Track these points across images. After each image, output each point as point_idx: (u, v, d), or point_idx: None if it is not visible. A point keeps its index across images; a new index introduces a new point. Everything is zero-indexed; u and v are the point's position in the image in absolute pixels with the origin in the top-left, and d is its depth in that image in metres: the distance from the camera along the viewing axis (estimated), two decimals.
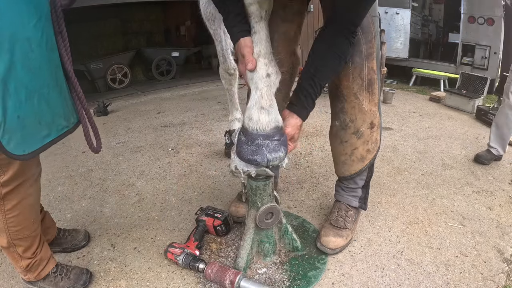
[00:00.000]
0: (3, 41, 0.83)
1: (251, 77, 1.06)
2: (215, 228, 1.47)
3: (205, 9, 2.03)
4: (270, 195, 1.22)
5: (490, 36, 3.91)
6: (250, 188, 1.22)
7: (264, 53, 1.05)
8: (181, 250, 1.34)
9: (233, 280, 1.16)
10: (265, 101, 1.06)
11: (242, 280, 1.17)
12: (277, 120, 1.09)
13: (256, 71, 1.04)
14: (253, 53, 1.04)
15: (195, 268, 1.28)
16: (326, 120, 3.04)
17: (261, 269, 1.30)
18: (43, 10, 0.96)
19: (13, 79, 0.85)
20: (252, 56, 1.04)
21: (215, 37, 2.11)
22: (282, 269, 1.30)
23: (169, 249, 1.35)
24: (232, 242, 1.48)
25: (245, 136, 1.10)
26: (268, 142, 1.07)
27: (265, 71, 1.04)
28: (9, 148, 0.88)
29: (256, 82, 1.06)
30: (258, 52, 1.04)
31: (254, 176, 1.15)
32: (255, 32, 1.05)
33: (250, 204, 1.26)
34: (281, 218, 1.31)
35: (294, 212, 1.69)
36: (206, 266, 1.25)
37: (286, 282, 1.24)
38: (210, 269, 1.23)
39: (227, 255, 1.40)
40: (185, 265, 1.30)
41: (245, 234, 1.28)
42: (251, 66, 1.03)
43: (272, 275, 1.27)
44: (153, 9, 7.09)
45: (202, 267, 1.26)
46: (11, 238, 1.09)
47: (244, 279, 1.18)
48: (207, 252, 1.43)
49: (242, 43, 1.05)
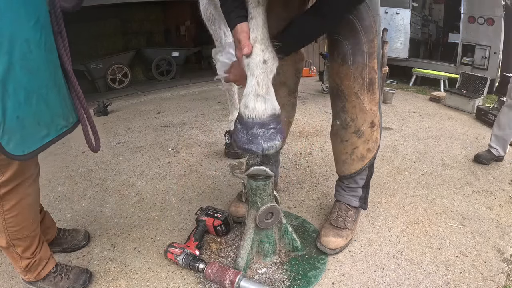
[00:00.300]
0: (2, 42, 0.83)
1: (247, 63, 1.04)
2: (215, 228, 1.47)
3: (205, 10, 2.03)
4: (270, 195, 1.22)
5: (490, 36, 3.91)
6: (250, 188, 1.22)
7: (260, 39, 1.03)
8: (181, 250, 1.33)
9: (233, 280, 1.16)
10: (261, 88, 1.04)
11: (242, 280, 1.17)
12: (274, 107, 1.07)
13: (252, 57, 1.03)
14: (249, 38, 1.02)
15: (195, 268, 1.28)
16: (326, 120, 3.04)
17: (261, 269, 1.30)
18: (41, 11, 0.96)
19: (12, 80, 0.85)
20: (248, 41, 1.02)
21: (216, 37, 2.11)
22: (282, 269, 1.30)
23: (169, 249, 1.35)
24: (232, 242, 1.48)
25: (241, 124, 1.09)
26: (263, 130, 1.06)
27: (261, 57, 1.02)
28: (8, 149, 0.88)
29: (252, 69, 1.04)
30: (254, 37, 1.03)
31: (254, 176, 1.15)
32: (252, 18, 1.03)
33: (250, 204, 1.26)
34: (281, 218, 1.31)
35: (294, 212, 1.69)
36: (206, 266, 1.25)
37: (286, 282, 1.24)
38: (210, 269, 1.23)
39: (227, 255, 1.40)
40: (185, 265, 1.30)
41: (245, 234, 1.28)
42: (247, 50, 1.01)
43: (272, 275, 1.27)
44: (153, 9, 7.09)
45: (202, 267, 1.26)
46: (10, 238, 1.09)
47: (244, 279, 1.18)
48: (207, 252, 1.43)
49: (239, 29, 1.04)
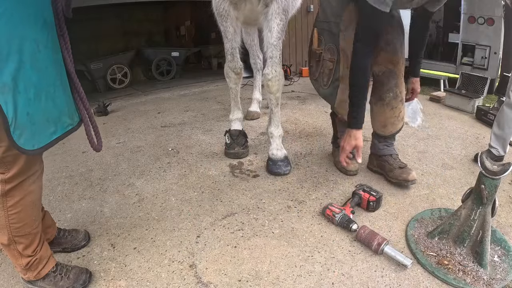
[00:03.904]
0: (13, 41, 0.88)
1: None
2: (368, 203, 1.66)
3: (218, 5, 1.98)
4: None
5: (490, 36, 3.90)
6: (492, 188, 1.26)
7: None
8: (340, 210, 1.56)
9: (380, 243, 1.35)
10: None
11: (386, 246, 1.35)
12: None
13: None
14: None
15: (349, 228, 1.50)
16: (326, 120, 3.04)
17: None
18: (48, 13, 1.01)
19: (22, 78, 0.91)
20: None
21: (225, 34, 2.08)
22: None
23: (329, 207, 1.58)
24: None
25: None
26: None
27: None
28: (20, 143, 0.93)
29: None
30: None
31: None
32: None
33: (488, 202, 1.28)
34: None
35: (294, 212, 1.70)
36: (359, 227, 1.46)
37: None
38: (363, 230, 1.43)
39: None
40: (340, 223, 1.53)
41: (484, 232, 1.30)
42: (360, 161, 1.69)
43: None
44: (153, 9, 7.10)
45: (355, 228, 1.49)
46: (12, 235, 1.09)
47: (389, 245, 1.35)
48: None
49: (358, 135, 1.61)
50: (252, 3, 1.91)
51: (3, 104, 0.88)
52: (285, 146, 2.26)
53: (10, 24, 0.87)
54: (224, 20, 2.02)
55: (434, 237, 1.42)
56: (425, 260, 1.33)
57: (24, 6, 0.91)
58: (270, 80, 2.00)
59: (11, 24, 0.87)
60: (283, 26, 1.92)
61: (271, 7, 1.86)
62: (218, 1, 1.97)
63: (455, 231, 1.37)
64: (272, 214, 1.69)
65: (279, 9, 1.86)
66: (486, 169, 1.25)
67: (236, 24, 2.05)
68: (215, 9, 2.03)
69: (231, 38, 2.09)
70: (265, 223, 1.63)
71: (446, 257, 1.33)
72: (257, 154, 2.43)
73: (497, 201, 1.30)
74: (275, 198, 1.84)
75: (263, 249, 1.45)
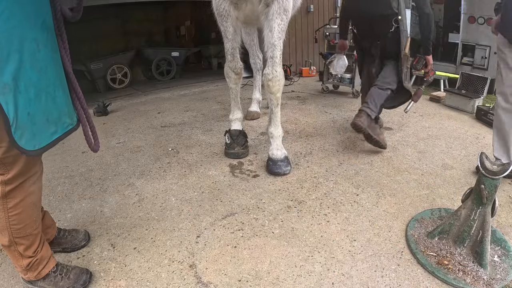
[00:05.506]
0: (13, 41, 0.87)
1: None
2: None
3: (218, 5, 1.98)
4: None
5: (490, 36, 3.90)
6: (492, 187, 1.26)
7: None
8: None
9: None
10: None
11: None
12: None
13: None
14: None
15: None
16: (326, 120, 3.04)
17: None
18: (47, 12, 1.01)
19: (22, 78, 0.91)
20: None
21: (226, 34, 2.08)
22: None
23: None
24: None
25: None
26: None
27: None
28: (21, 144, 0.93)
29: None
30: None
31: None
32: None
33: (488, 202, 1.29)
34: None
35: (294, 212, 1.70)
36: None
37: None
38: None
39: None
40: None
41: (484, 232, 1.30)
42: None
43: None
44: (153, 9, 7.10)
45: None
46: (13, 237, 1.09)
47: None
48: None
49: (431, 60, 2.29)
50: (253, 3, 1.90)
51: (4, 104, 0.87)
52: (285, 146, 2.26)
53: (10, 23, 0.86)
54: (224, 20, 2.02)
55: (434, 237, 1.42)
56: (425, 260, 1.33)
57: (23, 5, 0.91)
58: (270, 80, 2.00)
59: (11, 23, 0.87)
60: (284, 26, 1.91)
61: (272, 7, 1.86)
62: (218, 1, 1.96)
63: (455, 231, 1.38)
64: (272, 214, 1.69)
65: (280, 9, 1.85)
66: (486, 169, 1.25)
67: (236, 24, 2.05)
68: (215, 9, 2.03)
69: (231, 38, 2.09)
70: (265, 223, 1.63)
71: (446, 257, 1.33)
72: (257, 154, 2.43)
73: (497, 201, 1.30)
74: (275, 198, 1.84)
75: (263, 249, 1.45)
